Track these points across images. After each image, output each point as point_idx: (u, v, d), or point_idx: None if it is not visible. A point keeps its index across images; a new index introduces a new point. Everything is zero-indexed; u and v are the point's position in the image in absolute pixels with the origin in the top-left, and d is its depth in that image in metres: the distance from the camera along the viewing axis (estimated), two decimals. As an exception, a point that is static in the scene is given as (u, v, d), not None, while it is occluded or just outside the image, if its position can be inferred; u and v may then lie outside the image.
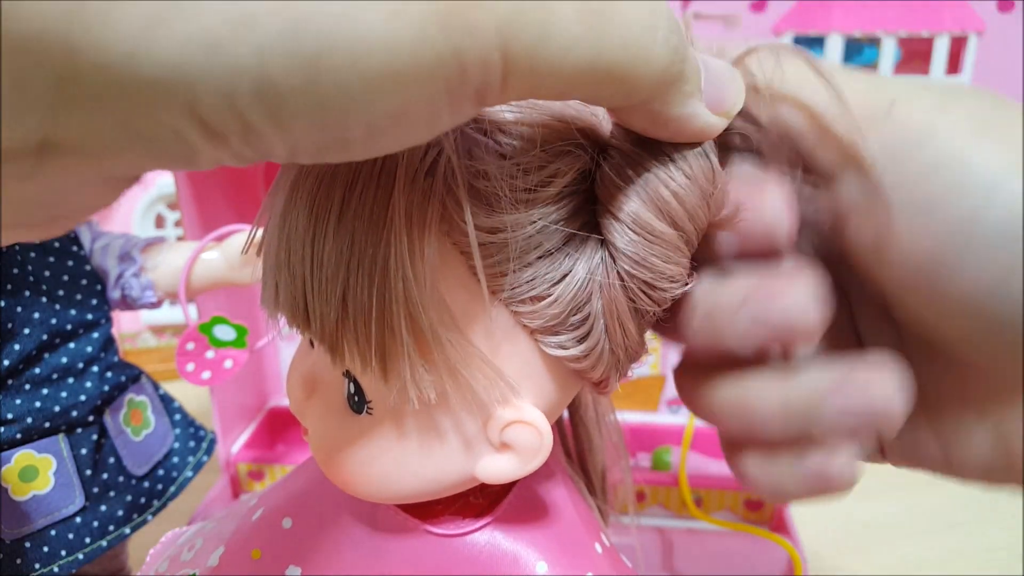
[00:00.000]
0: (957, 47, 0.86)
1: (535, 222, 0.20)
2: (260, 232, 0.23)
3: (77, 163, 0.14)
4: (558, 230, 0.20)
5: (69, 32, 0.12)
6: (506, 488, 0.26)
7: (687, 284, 0.22)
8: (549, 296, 0.21)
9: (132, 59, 0.12)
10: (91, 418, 0.46)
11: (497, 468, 0.23)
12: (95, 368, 0.46)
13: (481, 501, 0.26)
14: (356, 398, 0.23)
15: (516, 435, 0.22)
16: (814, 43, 0.86)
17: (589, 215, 0.21)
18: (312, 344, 0.25)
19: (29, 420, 0.43)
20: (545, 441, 0.22)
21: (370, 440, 0.23)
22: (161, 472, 0.50)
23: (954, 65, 0.86)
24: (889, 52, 0.84)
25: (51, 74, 0.12)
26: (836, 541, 0.60)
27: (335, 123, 0.14)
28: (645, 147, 0.20)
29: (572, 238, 0.21)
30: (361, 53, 0.13)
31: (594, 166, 0.21)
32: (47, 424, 0.43)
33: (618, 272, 0.21)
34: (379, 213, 0.19)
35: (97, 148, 0.13)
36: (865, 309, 0.23)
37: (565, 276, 0.21)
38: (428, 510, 0.25)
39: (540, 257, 0.20)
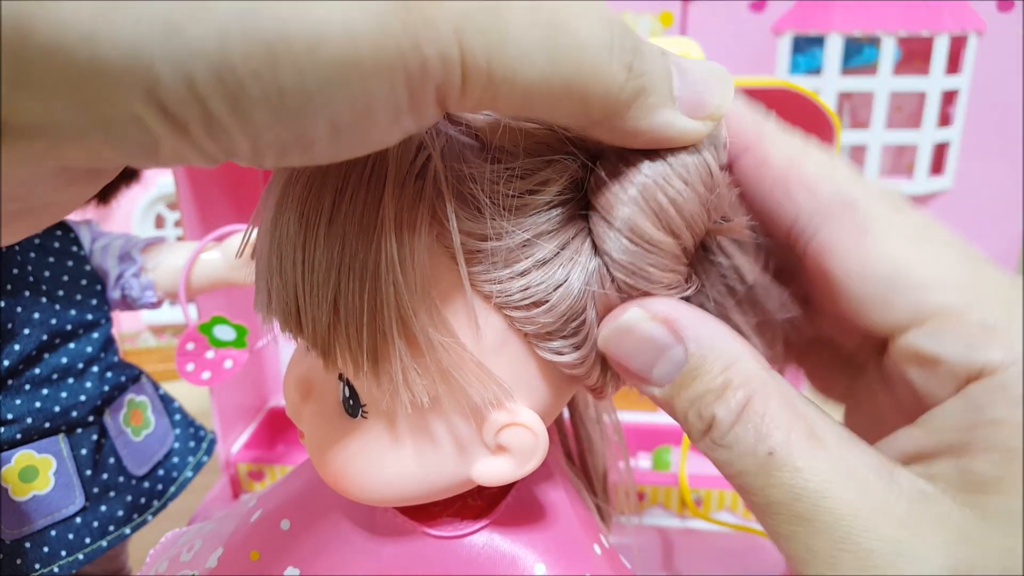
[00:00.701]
0: (957, 47, 0.86)
1: (526, 231, 0.20)
2: (255, 233, 0.23)
3: (35, 148, 0.13)
4: (551, 239, 0.20)
5: (21, 10, 0.11)
6: (504, 490, 0.26)
7: (686, 291, 0.21)
8: (544, 303, 0.21)
9: (89, 40, 0.12)
10: (91, 418, 0.46)
11: (493, 471, 0.23)
12: (95, 368, 0.46)
13: (479, 503, 0.26)
14: (351, 402, 0.23)
15: (511, 438, 0.22)
16: (814, 43, 0.86)
17: (584, 223, 0.21)
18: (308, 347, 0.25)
19: (29, 420, 0.43)
20: (540, 443, 0.22)
21: (365, 443, 0.23)
22: (161, 472, 0.50)
23: (954, 65, 0.86)
24: (889, 52, 0.84)
25: (5, 53, 0.12)
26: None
27: (296, 114, 0.14)
28: (641, 150, 0.20)
29: (567, 246, 0.21)
30: (321, 39, 0.13)
31: (587, 173, 0.21)
32: (47, 424, 0.44)
33: (613, 281, 0.21)
34: (369, 217, 0.19)
35: (56, 132, 0.13)
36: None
37: (560, 285, 0.21)
38: (426, 512, 0.25)
39: (533, 266, 0.20)
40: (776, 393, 0.19)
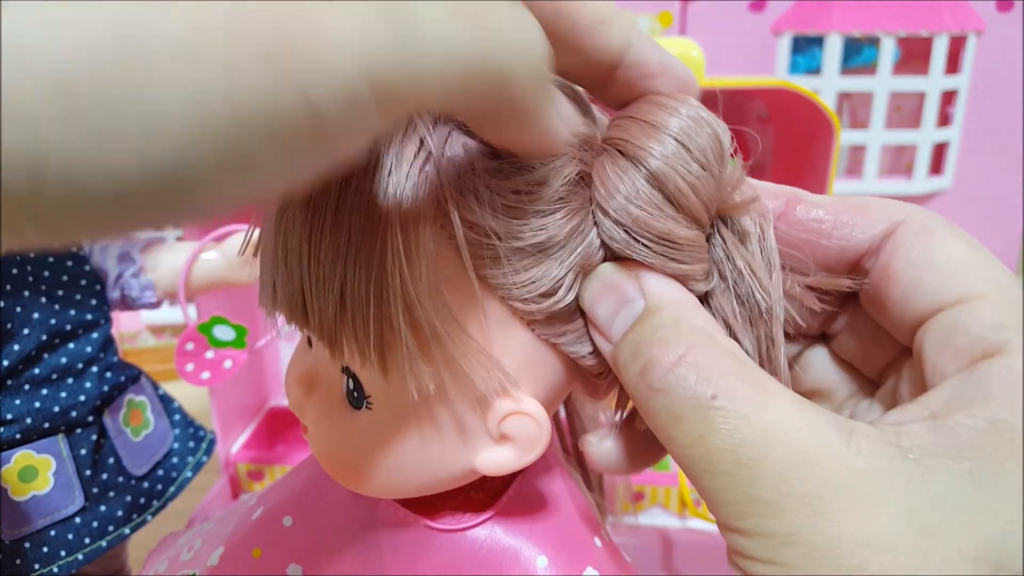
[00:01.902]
0: (956, 47, 0.86)
1: (529, 225, 0.20)
2: (257, 232, 0.23)
3: None
4: (557, 232, 0.20)
5: None
6: (505, 483, 0.26)
7: (708, 281, 0.21)
8: (551, 296, 0.21)
9: None
10: (90, 418, 0.46)
11: (497, 459, 0.23)
12: (94, 368, 0.46)
13: (481, 496, 0.26)
14: (355, 394, 0.23)
15: (515, 426, 0.22)
16: (813, 43, 0.87)
17: (591, 222, 0.21)
18: (310, 342, 0.25)
19: (28, 420, 0.43)
20: (544, 432, 0.22)
21: (370, 435, 0.23)
22: (160, 472, 0.50)
23: (953, 65, 0.86)
24: (888, 52, 0.84)
25: None
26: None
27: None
28: (647, 135, 0.20)
29: (572, 239, 0.21)
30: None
31: (591, 169, 0.21)
32: (46, 424, 0.43)
33: None
34: (375, 208, 0.20)
35: None
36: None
37: (563, 280, 0.21)
38: (428, 505, 0.25)
39: (538, 260, 0.20)
40: (724, 349, 0.18)
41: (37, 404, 0.43)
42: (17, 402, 0.43)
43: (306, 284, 0.20)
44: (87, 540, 0.44)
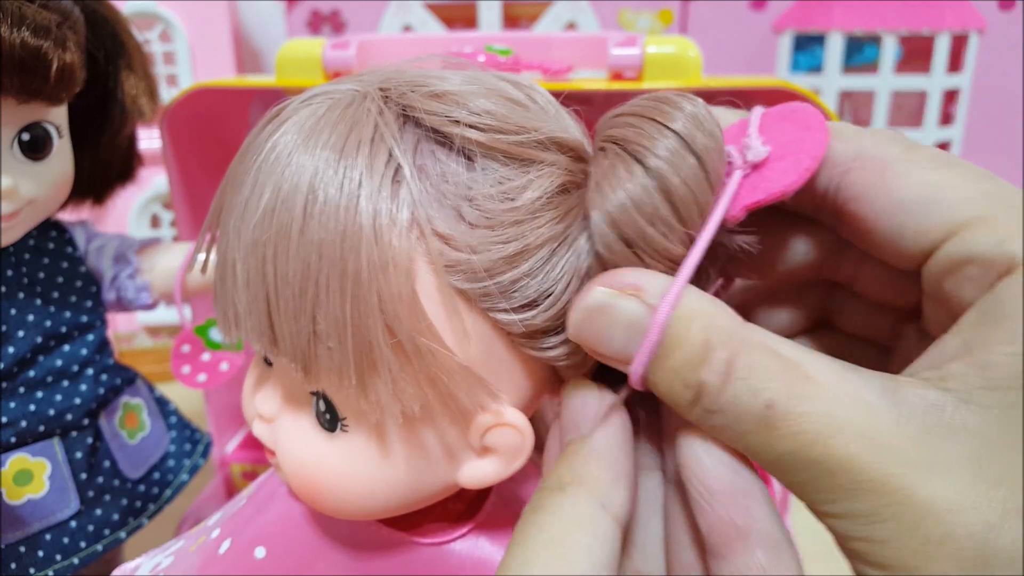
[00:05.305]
0: (958, 45, 0.85)
1: (508, 235, 0.20)
2: (204, 252, 0.22)
3: None
4: (537, 244, 0.20)
5: None
6: (484, 490, 0.26)
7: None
8: (535, 308, 0.20)
9: None
10: (86, 421, 0.45)
11: (480, 473, 0.23)
12: (90, 371, 0.46)
13: (459, 505, 0.26)
14: (328, 416, 0.22)
15: (498, 438, 0.22)
16: (814, 41, 0.86)
17: (574, 224, 0.21)
18: (267, 361, 0.24)
19: (23, 423, 0.42)
20: (527, 441, 0.22)
21: (348, 458, 0.22)
22: (156, 475, 0.49)
23: (955, 63, 0.86)
24: (890, 50, 0.83)
25: None
26: (834, 542, 0.60)
27: None
28: (645, 148, 0.20)
29: (556, 251, 0.20)
30: None
31: (576, 176, 0.21)
32: (41, 427, 0.43)
33: None
34: (347, 221, 0.19)
35: None
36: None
37: (549, 289, 0.20)
38: (408, 520, 0.25)
39: (521, 273, 0.20)
40: (759, 344, 0.18)
41: (32, 407, 0.43)
42: (12, 405, 0.42)
43: (273, 307, 0.20)
44: (83, 544, 0.44)
